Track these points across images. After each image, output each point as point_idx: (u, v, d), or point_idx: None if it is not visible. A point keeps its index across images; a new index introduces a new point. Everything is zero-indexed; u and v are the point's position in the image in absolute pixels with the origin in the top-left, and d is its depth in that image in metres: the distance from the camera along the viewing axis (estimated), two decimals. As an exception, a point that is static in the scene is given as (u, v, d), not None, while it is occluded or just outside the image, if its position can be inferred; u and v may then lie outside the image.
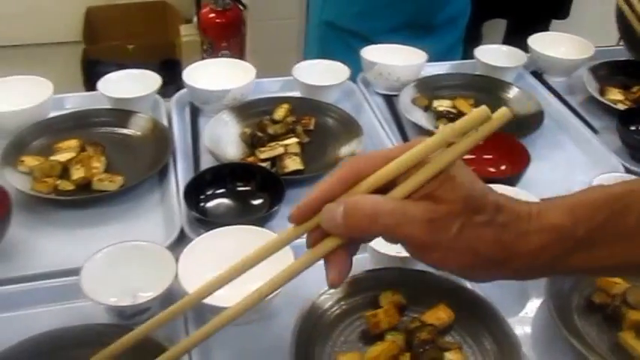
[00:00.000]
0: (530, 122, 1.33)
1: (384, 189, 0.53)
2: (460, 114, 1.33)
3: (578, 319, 0.91)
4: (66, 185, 1.10)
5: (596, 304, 0.92)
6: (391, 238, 0.53)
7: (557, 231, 0.53)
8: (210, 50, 2.36)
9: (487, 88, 1.44)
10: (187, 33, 2.85)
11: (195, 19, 2.80)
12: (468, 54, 1.66)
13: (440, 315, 0.87)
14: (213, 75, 1.39)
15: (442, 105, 1.36)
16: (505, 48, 1.55)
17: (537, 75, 1.55)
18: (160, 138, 1.22)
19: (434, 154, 0.53)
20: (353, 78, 1.44)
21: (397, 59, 1.44)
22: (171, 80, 1.40)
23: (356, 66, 1.45)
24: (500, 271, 0.55)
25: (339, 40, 1.63)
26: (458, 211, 0.51)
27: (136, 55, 2.89)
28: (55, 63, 1.24)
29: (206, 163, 1.18)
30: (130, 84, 1.34)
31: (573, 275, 0.60)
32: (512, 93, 1.43)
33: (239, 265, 0.59)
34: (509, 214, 0.53)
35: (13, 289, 0.90)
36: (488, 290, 0.91)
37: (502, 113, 0.53)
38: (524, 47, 1.53)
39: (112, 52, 2.79)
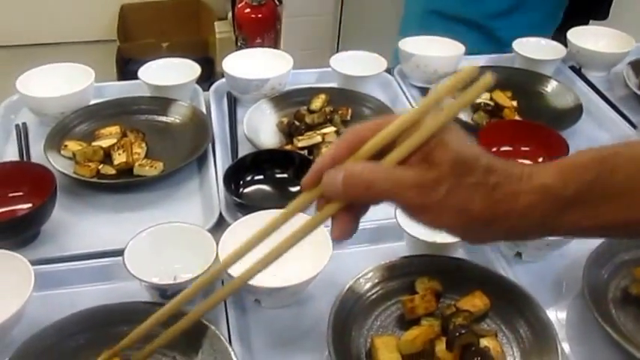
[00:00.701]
0: (568, 116, 1.32)
1: (384, 152, 0.55)
2: (498, 107, 1.32)
3: (614, 310, 0.91)
4: (108, 170, 1.12)
5: (632, 296, 0.92)
6: (389, 202, 0.56)
7: (547, 191, 0.55)
8: (245, 46, 2.36)
9: (525, 82, 1.43)
10: (222, 30, 2.87)
11: (229, 15, 2.82)
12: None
13: (476, 302, 0.87)
14: (250, 65, 1.40)
15: (480, 97, 1.36)
16: (544, 41, 1.53)
17: (576, 69, 1.54)
18: (199, 126, 1.24)
19: (426, 119, 0.55)
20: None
21: (434, 51, 1.44)
22: (206, 77, 1.41)
23: None
24: (492, 232, 0.57)
25: (444, 27, 1.59)
26: (446, 174, 0.53)
27: (169, 53, 2.93)
28: (91, 61, 1.25)
29: (244, 151, 1.19)
30: (169, 73, 1.36)
31: (563, 235, 0.62)
32: (551, 86, 1.42)
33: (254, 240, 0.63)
34: (501, 176, 0.55)
35: (58, 268, 0.93)
36: (524, 280, 0.92)
37: (487, 78, 0.55)
38: (563, 43, 1.52)
39: (146, 50, 2.81)
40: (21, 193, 1.04)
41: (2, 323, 0.78)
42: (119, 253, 0.87)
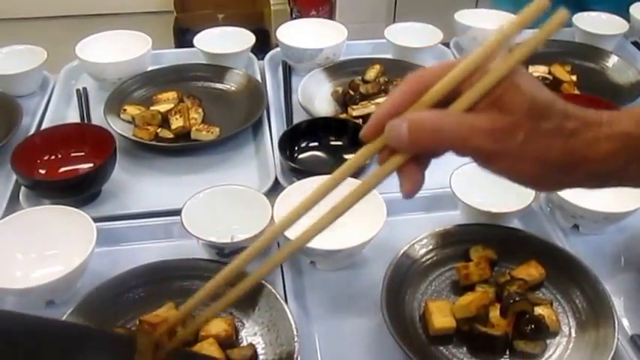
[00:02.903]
0: (628, 92, 1.29)
1: (448, 99, 0.52)
2: (557, 80, 1.30)
3: None
4: (166, 133, 1.14)
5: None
6: (458, 152, 0.52)
7: (627, 138, 0.52)
8: (300, 18, 2.37)
9: (585, 56, 1.41)
10: (277, 2, 2.87)
11: (285, -13, 2.81)
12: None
13: (531, 271, 0.86)
14: (305, 35, 1.40)
15: (537, 71, 1.34)
16: (605, 16, 1.50)
17: (638, 45, 1.50)
18: (254, 93, 1.25)
19: (495, 61, 0.51)
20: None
21: (492, 24, 1.41)
22: (261, 49, 1.42)
23: None
24: (569, 180, 0.54)
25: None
26: (523, 119, 0.50)
27: (225, 24, 2.94)
28: (149, 31, 1.27)
29: (298, 119, 1.20)
30: (224, 41, 1.37)
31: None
32: (612, 61, 1.38)
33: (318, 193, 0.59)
34: (578, 121, 0.52)
35: (119, 225, 0.95)
36: (580, 252, 0.90)
37: (562, 13, 0.49)
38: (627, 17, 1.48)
39: (203, 21, 2.81)
40: (82, 154, 1.07)
41: (66, 275, 0.80)
42: (177, 212, 0.89)
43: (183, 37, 2.67)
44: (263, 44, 1.43)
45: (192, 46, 1.35)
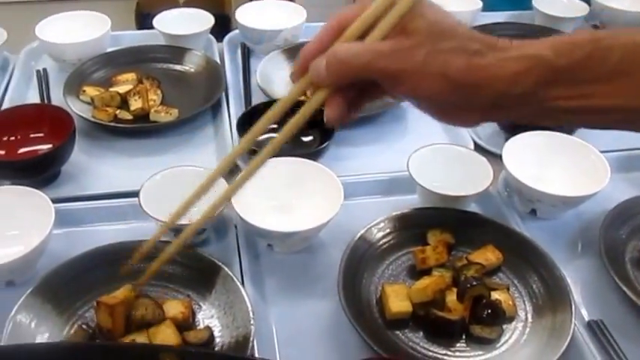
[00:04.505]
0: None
1: (366, 34, 0.56)
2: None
3: (632, 270, 0.90)
4: (125, 115, 1.15)
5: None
6: (369, 77, 0.55)
7: (538, 59, 0.53)
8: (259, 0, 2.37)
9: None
10: (237, -13, 2.85)
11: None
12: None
13: (488, 256, 0.87)
14: (264, 17, 1.42)
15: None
16: (566, -1, 1.51)
17: (598, 28, 1.51)
18: (212, 75, 1.27)
19: None
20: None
21: (451, 6, 1.43)
22: (222, 34, 1.43)
23: None
24: (477, 103, 0.55)
25: None
26: (423, 39, 0.53)
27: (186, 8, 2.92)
28: (111, 16, 1.28)
29: (257, 101, 1.21)
30: (184, 23, 1.38)
31: (554, 118, 0.58)
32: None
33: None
34: (485, 44, 0.54)
35: (78, 207, 0.96)
36: (538, 237, 0.91)
37: None
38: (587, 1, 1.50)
39: (164, 5, 2.80)
40: (41, 135, 1.07)
41: (25, 256, 0.81)
42: (135, 194, 0.90)
43: (144, 22, 2.65)
44: (223, 29, 1.44)
45: (153, 29, 1.36)
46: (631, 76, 0.53)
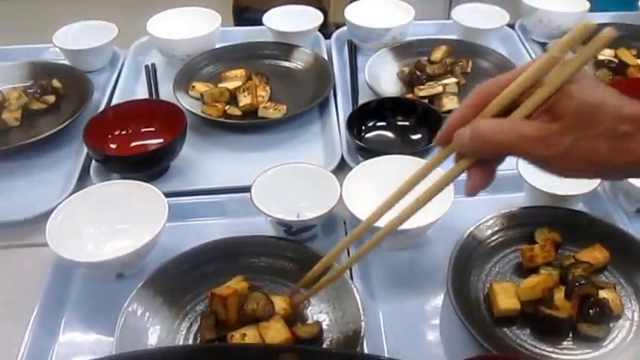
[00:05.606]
0: None
1: (510, 108, 0.56)
2: (622, 64, 1.26)
3: None
4: (234, 110, 1.15)
5: None
6: (513, 155, 0.57)
7: None
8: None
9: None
10: (335, -19, 2.84)
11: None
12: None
13: (595, 254, 0.86)
14: (371, 14, 1.39)
15: (603, 54, 1.29)
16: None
17: None
18: (321, 72, 1.25)
19: (549, 75, 0.55)
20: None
21: (558, 6, 1.37)
22: (320, 28, 1.41)
23: None
24: (616, 177, 0.61)
25: None
26: (570, 125, 0.53)
27: (283, 3, 2.93)
28: (209, 8, 1.30)
29: (364, 98, 1.19)
30: (291, 20, 1.37)
31: None
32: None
33: (399, 190, 0.67)
34: (635, 123, 0.52)
35: (188, 201, 0.97)
36: None
37: (608, 32, 0.52)
38: None
39: (262, 0, 2.83)
40: (153, 129, 1.08)
41: (138, 249, 0.81)
42: (245, 189, 0.90)
43: (241, 15, 2.68)
44: (322, 23, 1.41)
45: (251, 24, 1.36)
46: None
